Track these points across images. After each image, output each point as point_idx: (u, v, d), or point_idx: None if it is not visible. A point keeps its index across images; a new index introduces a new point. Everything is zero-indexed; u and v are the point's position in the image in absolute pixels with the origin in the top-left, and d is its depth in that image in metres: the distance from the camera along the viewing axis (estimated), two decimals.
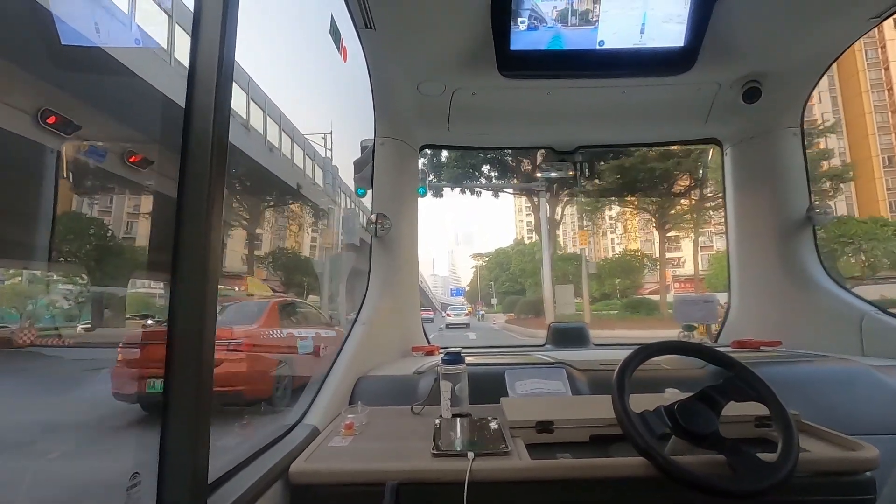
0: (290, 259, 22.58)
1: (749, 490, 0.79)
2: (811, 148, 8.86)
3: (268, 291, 17.97)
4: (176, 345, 0.66)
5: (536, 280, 42.47)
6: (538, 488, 0.90)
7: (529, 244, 50.99)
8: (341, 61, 1.99)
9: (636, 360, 0.98)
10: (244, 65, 14.10)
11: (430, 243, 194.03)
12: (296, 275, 20.94)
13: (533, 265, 45.10)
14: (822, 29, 1.44)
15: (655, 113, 1.82)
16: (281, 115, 15.55)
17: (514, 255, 49.86)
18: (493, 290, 49.21)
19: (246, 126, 13.12)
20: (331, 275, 15.98)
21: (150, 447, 0.65)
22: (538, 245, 46.39)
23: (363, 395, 1.35)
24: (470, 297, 61.21)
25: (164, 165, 5.60)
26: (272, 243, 23.56)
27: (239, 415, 4.43)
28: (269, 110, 14.67)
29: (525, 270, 45.89)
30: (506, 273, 48.27)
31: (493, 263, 54.48)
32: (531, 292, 41.94)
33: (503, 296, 46.71)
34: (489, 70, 1.42)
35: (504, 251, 53.94)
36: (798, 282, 1.83)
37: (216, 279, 0.69)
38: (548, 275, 19.59)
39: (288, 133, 16.16)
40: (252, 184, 17.30)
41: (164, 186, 0.81)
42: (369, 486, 0.84)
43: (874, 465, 0.89)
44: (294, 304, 7.48)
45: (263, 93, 14.56)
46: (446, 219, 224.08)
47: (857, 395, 1.29)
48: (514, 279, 47.37)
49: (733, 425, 1.00)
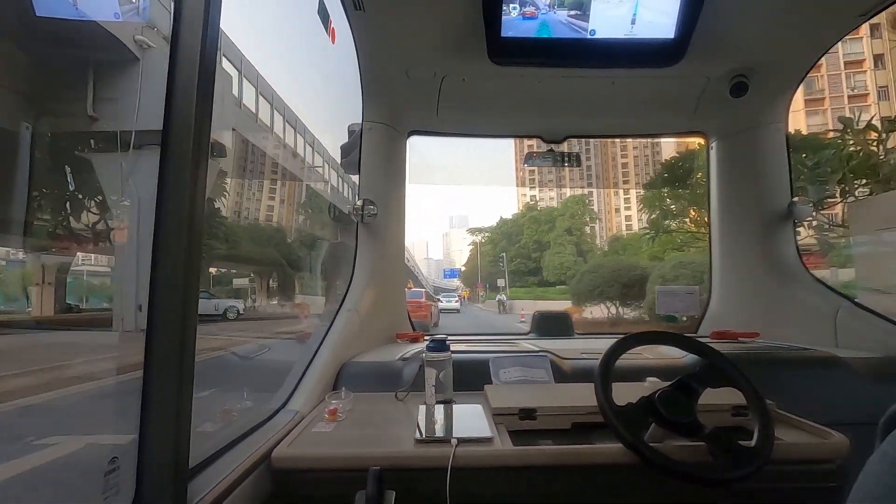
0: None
1: (726, 477, 0.82)
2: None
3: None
4: (157, 326, 0.64)
5: (563, 255, 36.39)
6: (520, 474, 0.91)
7: (544, 210, 43.58)
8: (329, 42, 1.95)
9: (619, 350, 1.00)
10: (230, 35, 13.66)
11: (424, 227, 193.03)
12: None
13: (555, 234, 38.43)
14: (810, 25, 1.45)
15: (644, 104, 1.82)
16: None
17: (526, 223, 42.05)
18: (504, 264, 39.81)
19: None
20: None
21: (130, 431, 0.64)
22: (567, 207, 40.81)
23: (347, 381, 1.35)
24: (467, 278, 53.88)
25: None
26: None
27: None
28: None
29: (541, 242, 39.66)
30: (515, 246, 40.83)
31: (497, 235, 45.73)
32: (554, 267, 35.89)
33: (514, 275, 39.20)
34: (479, 56, 1.40)
35: (511, 221, 45.63)
36: (777, 274, 1.87)
37: (198, 260, 0.67)
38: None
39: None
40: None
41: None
42: (352, 472, 0.84)
43: (844, 454, 0.92)
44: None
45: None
46: (441, 201, 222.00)
47: (830, 386, 1.33)
48: (527, 254, 40.12)
49: (711, 414, 1.02)
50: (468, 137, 2.11)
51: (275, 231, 21.74)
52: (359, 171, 1.86)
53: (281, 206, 22.21)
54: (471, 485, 0.88)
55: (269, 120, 16.23)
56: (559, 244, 38.11)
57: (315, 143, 19.00)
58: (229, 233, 17.55)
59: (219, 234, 17.02)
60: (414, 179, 2.12)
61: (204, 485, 0.74)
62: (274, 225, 22.10)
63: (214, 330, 10.84)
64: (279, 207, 22.23)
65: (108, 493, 0.64)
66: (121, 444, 2.11)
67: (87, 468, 2.58)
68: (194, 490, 0.71)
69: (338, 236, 15.88)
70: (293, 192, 21.27)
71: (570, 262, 35.89)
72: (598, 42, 1.34)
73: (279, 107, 16.73)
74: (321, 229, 19.89)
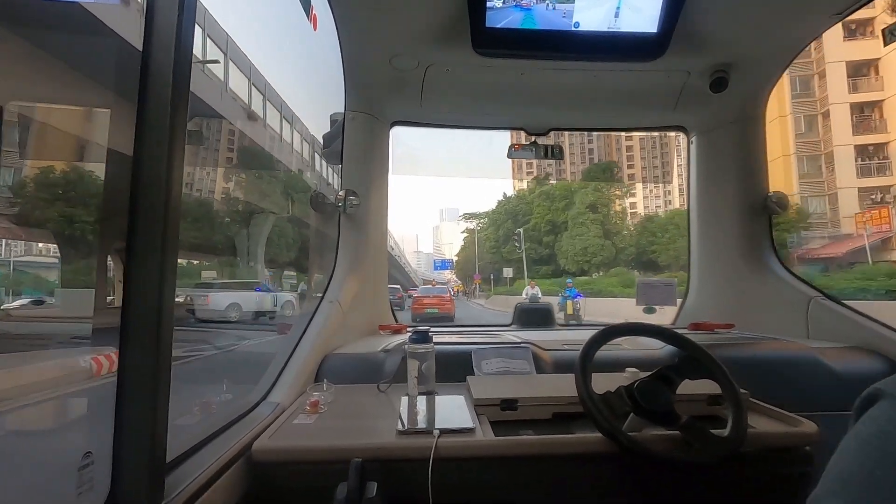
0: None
1: (701, 462, 0.85)
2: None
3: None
4: (132, 315, 0.62)
5: (585, 237, 29.36)
6: (502, 464, 0.92)
7: (558, 184, 35.56)
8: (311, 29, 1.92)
9: (600, 341, 1.01)
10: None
11: (414, 220, 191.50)
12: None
13: (574, 212, 31.06)
14: (789, 23, 1.48)
15: (626, 98, 1.84)
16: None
17: (536, 200, 34.25)
18: (520, 244, 31.34)
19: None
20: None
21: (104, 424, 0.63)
22: (590, 176, 32.97)
23: (329, 373, 1.34)
24: (461, 269, 47.58)
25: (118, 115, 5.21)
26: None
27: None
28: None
29: (555, 223, 32.01)
30: (523, 229, 32.96)
31: (501, 215, 37.58)
32: (574, 253, 28.93)
33: (521, 264, 31.15)
34: (464, 47, 1.39)
35: (516, 198, 37.97)
36: (752, 267, 1.92)
37: (175, 245, 0.65)
38: None
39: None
40: None
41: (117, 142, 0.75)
42: (334, 464, 0.84)
43: (813, 440, 0.96)
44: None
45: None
46: (431, 193, 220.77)
47: (801, 376, 1.38)
48: (538, 237, 32.35)
49: (687, 403, 1.05)
50: (452, 128, 2.10)
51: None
52: (341, 162, 1.83)
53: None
54: (453, 475, 0.89)
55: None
56: (580, 224, 31.13)
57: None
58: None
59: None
60: (399, 170, 2.09)
61: (182, 478, 0.73)
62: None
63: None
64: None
65: (82, 489, 0.63)
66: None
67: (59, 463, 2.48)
68: (172, 484, 0.70)
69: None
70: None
71: (596, 246, 29.94)
72: (581, 34, 1.35)
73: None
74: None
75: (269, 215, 18.50)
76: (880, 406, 0.45)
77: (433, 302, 17.05)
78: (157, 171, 0.63)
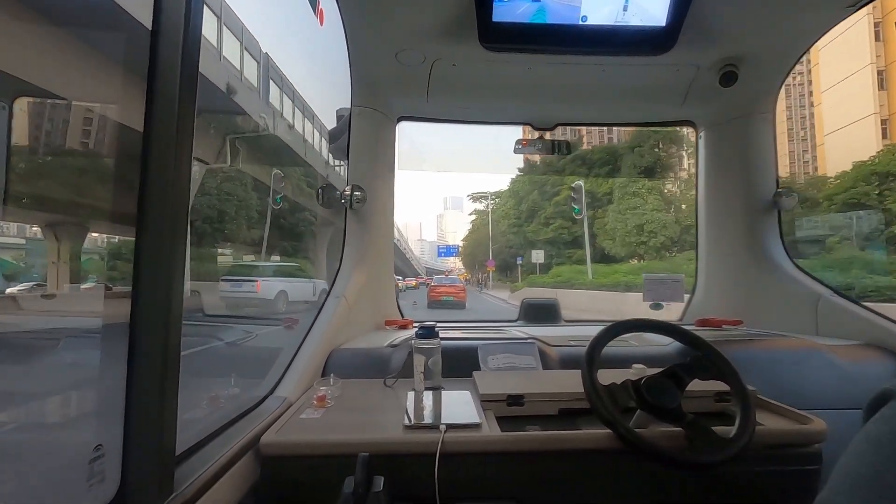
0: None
1: (705, 461, 0.84)
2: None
3: None
4: (142, 311, 0.63)
5: (639, 212, 22.06)
6: (508, 459, 0.92)
7: (599, 147, 27.19)
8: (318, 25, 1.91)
9: (607, 337, 1.01)
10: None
11: (418, 208, 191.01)
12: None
13: (622, 180, 23.74)
14: (800, 15, 1.45)
15: (634, 93, 1.82)
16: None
17: (569, 165, 25.45)
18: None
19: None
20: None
21: (115, 418, 0.63)
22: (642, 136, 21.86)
23: (336, 368, 1.35)
24: (468, 256, 41.80)
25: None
26: None
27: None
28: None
29: (595, 195, 24.41)
30: (551, 202, 26.20)
31: (524, 186, 29.37)
32: (624, 233, 22.33)
33: (546, 247, 24.25)
34: (470, 41, 1.38)
35: (540, 167, 28.68)
36: (761, 264, 1.90)
37: (184, 237, 0.66)
38: None
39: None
40: None
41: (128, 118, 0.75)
42: (341, 458, 0.85)
43: (822, 438, 0.95)
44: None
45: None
46: (435, 182, 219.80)
47: (810, 373, 1.37)
48: (569, 213, 24.41)
49: (695, 400, 1.05)
50: (459, 124, 2.09)
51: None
52: (347, 157, 1.83)
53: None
54: (459, 470, 0.89)
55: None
56: (632, 195, 23.56)
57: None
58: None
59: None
60: (404, 166, 2.06)
61: (191, 471, 0.73)
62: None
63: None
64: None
65: (93, 481, 0.63)
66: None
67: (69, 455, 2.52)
68: (181, 476, 0.70)
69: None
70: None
71: (656, 222, 22.41)
72: (589, 28, 1.33)
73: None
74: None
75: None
76: (892, 406, 0.44)
77: (449, 290, 19.53)
78: (165, 162, 0.63)
